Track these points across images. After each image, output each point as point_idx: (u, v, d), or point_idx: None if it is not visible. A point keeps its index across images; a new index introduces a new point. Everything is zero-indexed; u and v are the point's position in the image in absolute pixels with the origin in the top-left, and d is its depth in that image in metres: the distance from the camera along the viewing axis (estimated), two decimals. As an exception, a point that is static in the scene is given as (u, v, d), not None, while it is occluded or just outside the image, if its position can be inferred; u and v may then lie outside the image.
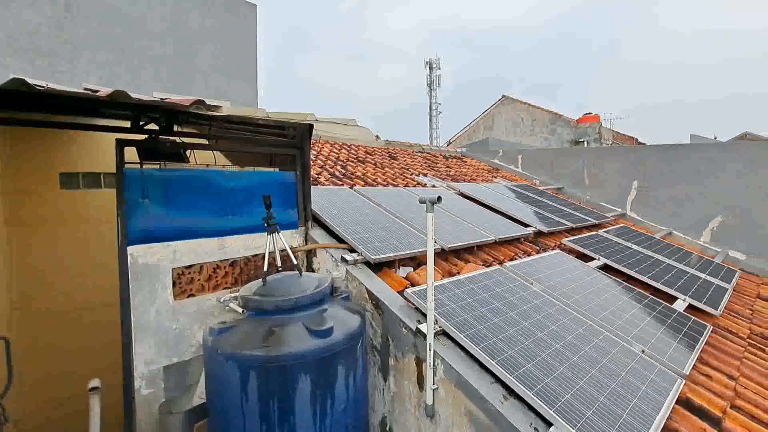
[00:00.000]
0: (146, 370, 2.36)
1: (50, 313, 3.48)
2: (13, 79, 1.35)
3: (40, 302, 3.45)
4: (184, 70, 9.24)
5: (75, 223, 3.81)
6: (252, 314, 2.02)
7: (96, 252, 3.80)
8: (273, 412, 1.78)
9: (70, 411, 3.29)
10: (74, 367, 3.40)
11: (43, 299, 3.47)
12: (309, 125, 2.89)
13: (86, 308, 3.68)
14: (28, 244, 3.44)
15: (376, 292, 2.45)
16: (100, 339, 3.53)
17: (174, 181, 2.47)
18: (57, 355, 3.43)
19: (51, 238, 3.59)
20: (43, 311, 3.44)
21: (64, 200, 3.78)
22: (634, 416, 1.77)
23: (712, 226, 5.37)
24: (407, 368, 2.25)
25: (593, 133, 13.63)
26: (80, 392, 2.33)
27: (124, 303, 2.27)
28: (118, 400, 2.37)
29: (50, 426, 3.31)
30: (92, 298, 3.72)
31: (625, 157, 6.50)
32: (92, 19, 8.15)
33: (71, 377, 3.30)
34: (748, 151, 5.25)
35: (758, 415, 2.11)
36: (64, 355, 3.45)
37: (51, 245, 3.59)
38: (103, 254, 3.75)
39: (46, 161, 3.69)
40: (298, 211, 3.06)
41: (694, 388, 2.20)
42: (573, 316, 2.54)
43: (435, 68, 27.25)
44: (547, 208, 5.36)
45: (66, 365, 3.41)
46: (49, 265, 3.54)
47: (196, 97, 1.90)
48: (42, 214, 3.57)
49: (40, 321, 3.41)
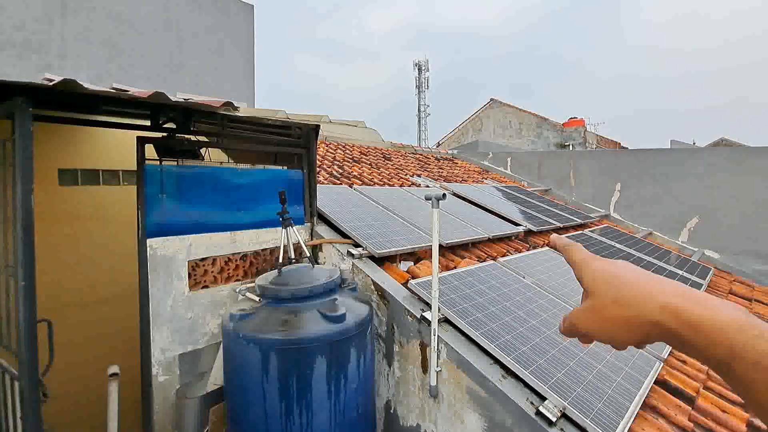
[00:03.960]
0: (163, 357, 2.48)
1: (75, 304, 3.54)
2: (66, 80, 1.47)
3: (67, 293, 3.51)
4: (176, 68, 9.25)
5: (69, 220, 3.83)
6: (269, 302, 2.17)
7: (87, 248, 3.80)
8: (292, 389, 1.93)
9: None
10: (94, 355, 3.46)
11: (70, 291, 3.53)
12: (316, 126, 3.04)
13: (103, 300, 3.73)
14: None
15: (381, 284, 2.62)
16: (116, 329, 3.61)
17: (190, 177, 2.60)
18: (79, 344, 3.48)
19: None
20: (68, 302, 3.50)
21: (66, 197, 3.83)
22: (617, 392, 1.98)
23: (690, 227, 5.70)
24: (411, 353, 2.42)
25: (578, 137, 14.06)
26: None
27: (143, 293, 2.39)
28: (135, 386, 2.48)
29: (79, 406, 3.37)
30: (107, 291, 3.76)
31: (608, 160, 6.82)
32: (83, 15, 8.08)
33: (92, 365, 3.36)
34: (713, 156, 5.61)
35: (727, 394, 2.34)
36: (84, 344, 3.51)
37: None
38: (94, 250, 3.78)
39: (44, 157, 3.72)
40: (304, 207, 3.21)
41: (671, 371, 2.43)
42: (562, 306, 2.75)
43: (423, 70, 27.56)
44: (536, 208, 5.61)
45: (86, 354, 3.47)
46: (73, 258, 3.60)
47: (225, 99, 2.04)
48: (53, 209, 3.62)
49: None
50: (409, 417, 2.45)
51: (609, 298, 0.45)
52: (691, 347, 0.39)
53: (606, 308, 0.45)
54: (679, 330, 0.39)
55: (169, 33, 9.15)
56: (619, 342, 0.46)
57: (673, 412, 2.01)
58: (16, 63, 7.42)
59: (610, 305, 0.45)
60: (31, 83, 1.57)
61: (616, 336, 0.45)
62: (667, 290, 0.42)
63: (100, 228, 3.91)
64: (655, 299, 0.41)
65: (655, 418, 1.97)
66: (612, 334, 0.45)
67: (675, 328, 0.39)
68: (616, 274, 0.47)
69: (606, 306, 0.45)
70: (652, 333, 0.42)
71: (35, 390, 1.72)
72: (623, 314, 0.44)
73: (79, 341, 3.48)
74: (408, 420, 2.45)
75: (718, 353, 0.36)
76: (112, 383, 2.43)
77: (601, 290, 0.47)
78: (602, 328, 0.46)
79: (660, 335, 0.41)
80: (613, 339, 0.46)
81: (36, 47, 7.49)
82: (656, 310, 0.41)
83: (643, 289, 0.43)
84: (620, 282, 0.45)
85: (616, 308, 0.44)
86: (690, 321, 0.38)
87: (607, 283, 0.46)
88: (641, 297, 0.43)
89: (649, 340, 0.43)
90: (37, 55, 7.50)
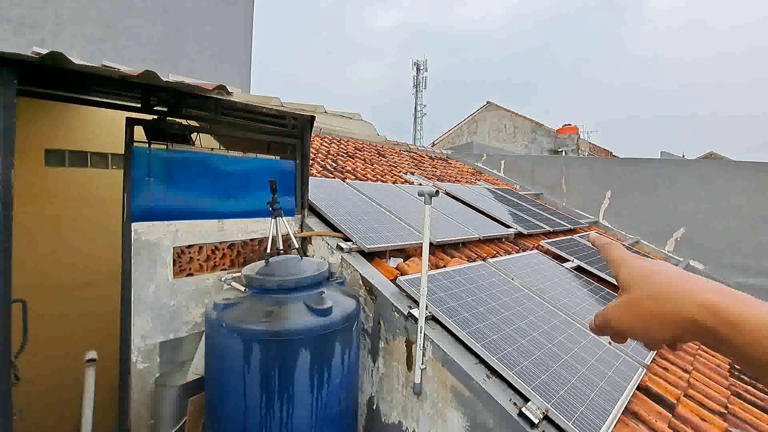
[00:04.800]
0: (143, 344, 2.43)
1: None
2: (53, 53, 1.41)
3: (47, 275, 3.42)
4: (172, 51, 9.07)
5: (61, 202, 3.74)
6: (255, 291, 2.13)
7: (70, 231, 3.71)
8: (273, 381, 1.90)
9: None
10: (73, 337, 3.38)
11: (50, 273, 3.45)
12: (311, 117, 3.00)
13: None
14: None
15: (370, 279, 2.59)
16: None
17: (179, 162, 2.54)
18: (57, 327, 3.40)
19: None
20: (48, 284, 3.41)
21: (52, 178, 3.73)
22: (600, 396, 1.99)
23: (676, 237, 5.77)
24: (397, 350, 2.40)
25: (572, 144, 14.17)
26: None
27: (125, 278, 2.33)
28: (113, 372, 2.42)
29: (53, 392, 3.29)
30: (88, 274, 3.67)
31: (599, 168, 6.87)
32: (79, -8, 7.88)
33: (69, 349, 3.28)
34: (702, 169, 5.69)
35: (707, 403, 2.37)
36: (62, 327, 3.42)
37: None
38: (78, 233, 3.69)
39: (31, 136, 3.62)
40: (295, 198, 3.17)
41: (653, 377, 2.45)
42: (549, 309, 2.75)
43: (422, 70, 27.55)
44: (527, 211, 5.63)
45: (64, 337, 3.39)
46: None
47: (218, 83, 1.99)
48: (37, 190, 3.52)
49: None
50: (392, 414, 2.43)
51: (645, 292, 0.45)
52: (728, 346, 0.38)
53: (641, 303, 0.45)
54: (716, 328, 0.38)
55: (166, 15, 8.98)
56: (652, 338, 0.45)
57: (653, 418, 2.02)
58: (10, 38, 7.22)
59: (645, 300, 0.44)
60: (16, 54, 1.51)
61: (649, 332, 0.44)
62: (706, 287, 0.41)
63: (85, 211, 3.82)
64: (693, 296, 0.40)
65: (636, 424, 1.98)
66: (646, 330, 0.44)
67: (712, 325, 0.38)
68: (654, 271, 0.46)
69: (641, 301, 0.45)
70: (687, 330, 0.41)
71: (7, 372, 1.66)
72: (659, 309, 0.43)
73: (57, 324, 3.40)
74: (390, 417, 2.44)
75: (758, 352, 0.35)
76: (88, 369, 2.38)
77: (637, 285, 0.46)
78: (636, 324, 0.45)
79: (695, 333, 0.40)
80: (647, 335, 0.45)
81: (30, 23, 7.30)
82: (694, 307, 0.40)
83: (681, 286, 0.42)
84: (658, 278, 0.45)
85: (652, 303, 0.43)
86: (729, 319, 0.37)
87: (644, 278, 0.46)
88: (679, 293, 0.42)
89: (683, 338, 0.42)
90: (32, 30, 7.30)
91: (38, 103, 2.25)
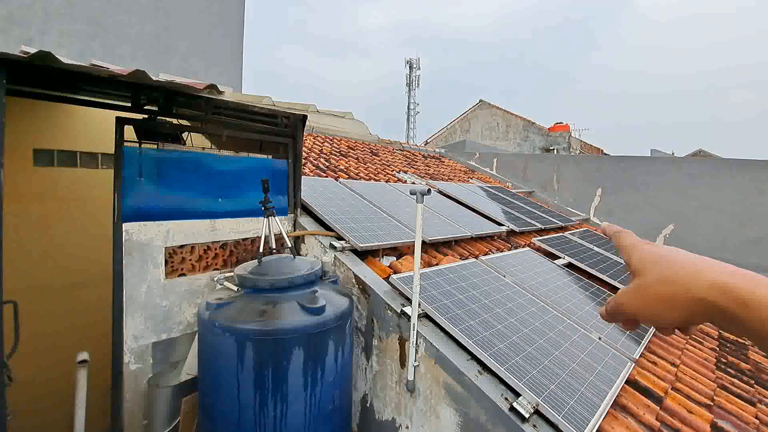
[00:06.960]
0: (135, 345, 2.42)
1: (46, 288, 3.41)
2: (41, 52, 1.40)
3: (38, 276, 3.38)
4: (163, 49, 8.99)
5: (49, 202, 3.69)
6: (248, 291, 2.13)
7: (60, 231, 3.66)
8: (267, 380, 1.90)
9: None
10: (64, 340, 3.35)
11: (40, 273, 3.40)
12: (303, 116, 3.00)
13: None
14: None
15: (363, 277, 2.61)
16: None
17: (170, 161, 2.53)
18: (49, 328, 3.36)
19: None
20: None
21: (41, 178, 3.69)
22: (590, 390, 2.02)
23: (665, 233, 5.86)
24: (390, 348, 2.42)
25: (563, 142, 14.29)
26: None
27: (117, 278, 2.32)
28: (105, 374, 2.41)
29: (45, 393, 3.26)
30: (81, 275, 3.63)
31: (590, 166, 6.95)
32: (68, -11, 7.77)
33: (62, 350, 3.25)
34: (691, 166, 5.78)
35: (693, 396, 2.42)
36: (54, 329, 3.39)
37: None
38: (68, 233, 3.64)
39: (20, 136, 3.57)
40: (288, 198, 3.17)
41: (641, 371, 2.49)
42: (540, 306, 2.79)
43: (415, 68, 27.58)
44: (519, 209, 5.67)
45: (55, 339, 3.36)
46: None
47: (209, 82, 1.98)
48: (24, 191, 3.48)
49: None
50: (385, 411, 2.45)
51: (655, 277, 0.45)
52: (739, 325, 0.38)
53: (652, 286, 0.45)
54: (727, 307, 0.38)
55: (157, 13, 8.89)
56: (663, 322, 0.45)
57: (641, 411, 2.06)
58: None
59: (655, 284, 0.45)
60: (3, 53, 1.49)
61: (661, 315, 0.45)
62: (716, 268, 0.41)
63: (75, 211, 3.78)
64: (703, 276, 0.41)
65: (625, 417, 2.02)
66: (657, 314, 0.45)
67: (723, 305, 0.38)
68: (665, 255, 0.46)
69: (652, 284, 0.45)
70: (698, 311, 0.41)
71: (0, 373, 1.65)
72: (669, 291, 0.43)
73: (49, 325, 3.37)
74: (384, 414, 2.46)
75: None
76: (80, 370, 2.36)
77: (648, 269, 0.46)
78: (647, 308, 0.46)
79: (705, 313, 0.41)
80: (658, 319, 0.45)
81: (18, 21, 7.18)
82: (704, 287, 0.40)
83: (691, 267, 0.42)
84: (668, 261, 0.45)
85: (662, 286, 0.44)
86: (740, 298, 0.37)
87: (655, 262, 0.46)
88: (689, 275, 0.42)
89: (694, 320, 0.43)
90: (19, 28, 7.19)
91: (27, 102, 2.22)
